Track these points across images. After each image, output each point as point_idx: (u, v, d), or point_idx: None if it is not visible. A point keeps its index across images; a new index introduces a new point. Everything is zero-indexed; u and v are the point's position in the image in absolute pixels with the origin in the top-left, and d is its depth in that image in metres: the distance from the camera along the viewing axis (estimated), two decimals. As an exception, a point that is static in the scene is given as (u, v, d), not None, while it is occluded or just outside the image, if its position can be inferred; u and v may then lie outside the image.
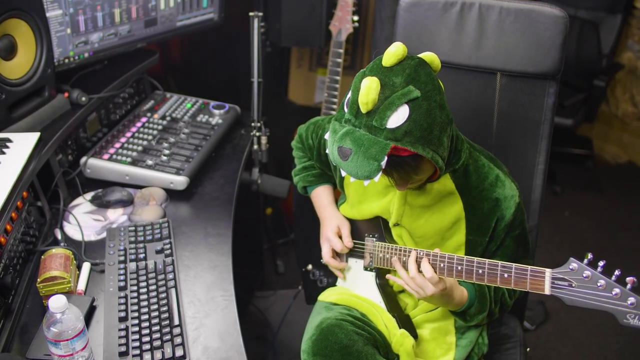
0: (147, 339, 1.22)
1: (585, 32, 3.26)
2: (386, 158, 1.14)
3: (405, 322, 1.48)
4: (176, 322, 1.27)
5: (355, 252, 1.57)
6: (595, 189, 3.54)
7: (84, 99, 1.79)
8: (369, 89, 1.14)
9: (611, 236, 3.12)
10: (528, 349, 1.69)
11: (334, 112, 2.48)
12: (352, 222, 1.57)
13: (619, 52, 3.62)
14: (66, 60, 1.83)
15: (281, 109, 3.27)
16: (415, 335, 1.47)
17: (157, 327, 1.25)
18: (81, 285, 1.39)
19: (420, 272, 1.33)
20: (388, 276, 1.48)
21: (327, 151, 1.24)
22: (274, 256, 2.81)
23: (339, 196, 1.69)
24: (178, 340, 1.22)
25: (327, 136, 1.24)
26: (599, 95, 3.34)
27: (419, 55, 1.22)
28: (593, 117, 3.44)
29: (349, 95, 1.20)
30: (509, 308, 1.49)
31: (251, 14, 2.01)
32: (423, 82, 1.16)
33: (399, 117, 1.14)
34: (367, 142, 1.15)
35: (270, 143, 2.11)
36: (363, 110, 1.15)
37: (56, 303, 1.07)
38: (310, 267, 1.75)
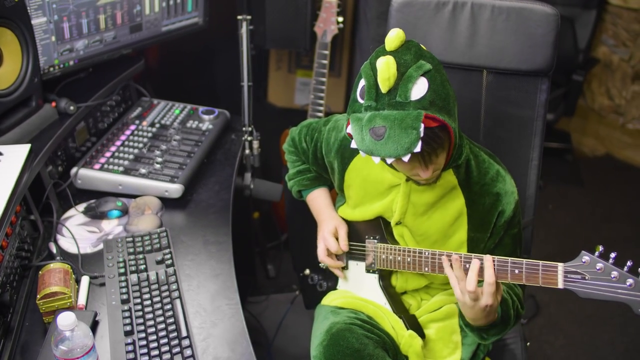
0: (156, 352, 1.20)
1: (562, 28, 3.30)
2: (423, 125, 1.13)
3: (412, 323, 1.48)
4: (184, 333, 1.24)
5: (356, 255, 1.56)
6: (576, 181, 3.60)
7: (72, 108, 1.74)
8: (387, 64, 1.15)
9: (594, 228, 3.18)
10: (528, 344, 1.71)
11: (321, 115, 2.47)
12: (352, 224, 1.57)
13: (594, 47, 3.69)
14: (51, 69, 1.79)
15: (261, 112, 3.25)
16: (422, 336, 1.47)
17: (165, 340, 1.22)
18: (81, 300, 1.36)
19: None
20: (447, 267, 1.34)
21: (353, 145, 1.21)
22: (264, 261, 2.79)
23: (334, 199, 1.68)
24: (188, 352, 1.20)
25: (349, 129, 1.22)
26: (577, 90, 3.40)
27: None
28: (572, 112, 3.50)
29: (362, 83, 1.21)
30: (522, 314, 1.45)
31: (239, 17, 1.98)
32: (429, 57, 1.20)
33: (420, 88, 1.16)
34: (399, 116, 1.14)
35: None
36: (384, 88, 1.15)
37: (65, 320, 1.03)
38: (308, 271, 1.73)
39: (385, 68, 1.15)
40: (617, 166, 3.77)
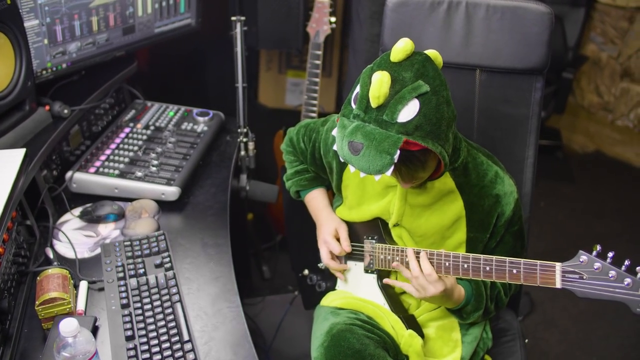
0: (159, 357, 1.19)
1: (552, 26, 3.34)
2: (398, 152, 1.13)
3: (411, 322, 1.49)
4: (186, 337, 1.24)
5: (354, 255, 1.56)
6: (567, 178, 3.63)
7: (66, 111, 1.73)
8: (380, 82, 1.13)
9: (586, 224, 3.20)
10: (527, 341, 1.71)
11: (314, 115, 2.47)
12: (350, 225, 1.57)
13: (583, 45, 3.72)
14: (44, 72, 1.77)
15: (252, 113, 3.25)
16: (421, 335, 1.47)
17: (167, 344, 1.22)
18: (80, 305, 1.34)
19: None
20: (386, 280, 1.47)
21: (334, 147, 1.23)
22: (258, 262, 2.78)
23: (331, 199, 1.68)
24: (190, 356, 1.19)
25: (334, 132, 1.23)
26: (567, 87, 3.42)
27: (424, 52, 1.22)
28: (562, 109, 3.52)
29: (357, 90, 1.20)
30: (504, 305, 1.51)
31: (233, 18, 1.98)
32: (431, 77, 1.17)
33: (409, 111, 1.14)
34: (378, 137, 1.14)
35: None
36: (374, 104, 1.15)
37: (67, 327, 1.02)
38: (306, 272, 1.73)
39: (378, 86, 1.14)
40: (607, 163, 3.80)
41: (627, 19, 3.56)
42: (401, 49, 1.16)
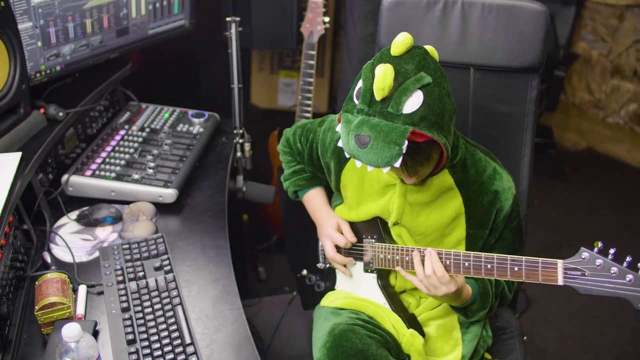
0: (161, 360, 1.18)
1: (544, 25, 3.35)
2: (406, 142, 1.13)
3: (412, 322, 1.49)
4: (188, 340, 1.23)
5: (354, 255, 1.56)
6: (559, 176, 3.65)
7: (61, 114, 1.71)
8: (384, 74, 1.14)
9: (580, 221, 3.22)
10: (525, 338, 1.72)
11: (309, 115, 2.46)
12: (350, 225, 1.56)
13: (574, 43, 3.75)
14: (38, 75, 1.75)
15: (244, 113, 3.24)
16: (422, 334, 1.47)
17: (170, 348, 1.21)
18: (80, 310, 1.33)
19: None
20: (398, 268, 1.44)
21: (339, 144, 1.22)
22: (254, 263, 2.78)
23: (329, 198, 1.68)
24: (193, 359, 1.18)
25: (338, 128, 1.23)
26: (559, 85, 3.44)
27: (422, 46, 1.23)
28: (554, 107, 3.54)
29: (359, 85, 1.20)
30: (508, 301, 1.52)
31: (228, 19, 1.97)
32: (432, 69, 1.18)
33: (414, 102, 1.15)
34: (385, 128, 1.14)
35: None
36: (378, 97, 1.15)
37: (70, 332, 1.01)
38: (305, 272, 1.73)
39: (382, 78, 1.14)
40: (598, 160, 3.83)
41: (617, 16, 3.59)
42: (401, 42, 1.17)
